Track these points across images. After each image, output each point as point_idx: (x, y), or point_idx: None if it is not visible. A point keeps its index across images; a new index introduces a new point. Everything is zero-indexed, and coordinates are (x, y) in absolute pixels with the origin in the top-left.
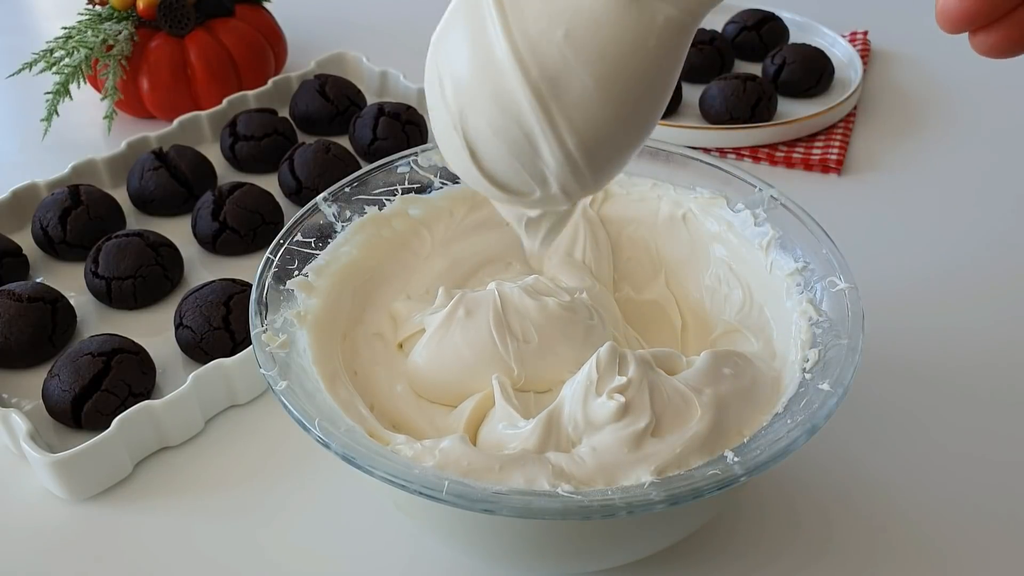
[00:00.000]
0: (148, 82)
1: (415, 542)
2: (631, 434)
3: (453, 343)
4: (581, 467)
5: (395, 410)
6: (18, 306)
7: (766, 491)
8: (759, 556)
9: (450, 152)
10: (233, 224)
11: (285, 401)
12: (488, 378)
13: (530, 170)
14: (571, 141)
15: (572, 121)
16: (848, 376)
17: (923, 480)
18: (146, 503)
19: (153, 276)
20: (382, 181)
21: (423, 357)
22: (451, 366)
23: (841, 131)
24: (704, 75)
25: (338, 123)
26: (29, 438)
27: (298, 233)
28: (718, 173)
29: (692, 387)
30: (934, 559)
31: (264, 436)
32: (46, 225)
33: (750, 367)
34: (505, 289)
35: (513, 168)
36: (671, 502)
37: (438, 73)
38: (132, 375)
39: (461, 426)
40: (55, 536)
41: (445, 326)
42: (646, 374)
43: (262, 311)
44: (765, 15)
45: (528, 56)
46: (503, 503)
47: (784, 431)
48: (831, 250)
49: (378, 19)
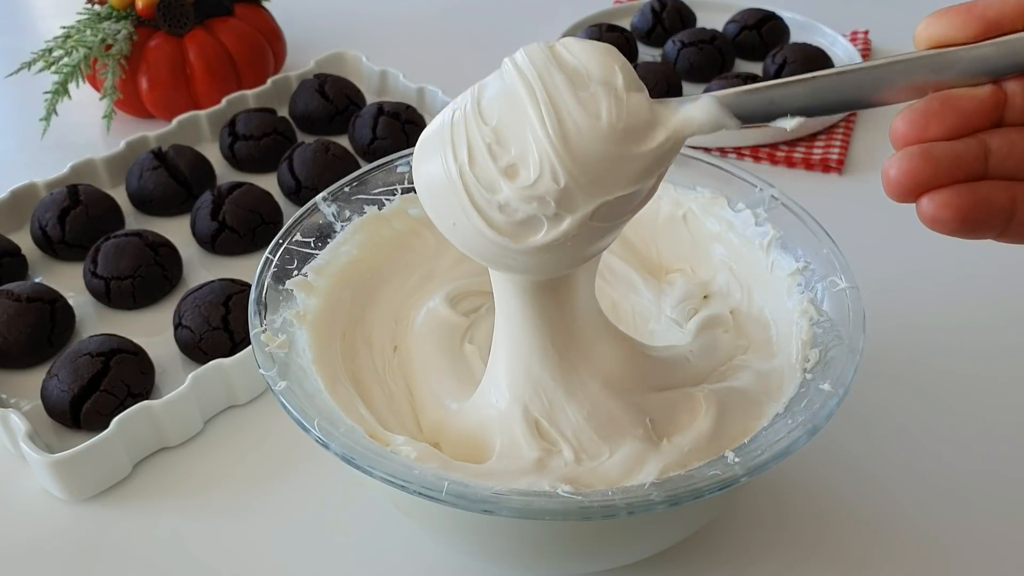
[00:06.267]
0: (147, 81)
1: (415, 542)
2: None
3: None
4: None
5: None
6: (17, 306)
7: (766, 491)
8: (759, 556)
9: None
10: (232, 224)
11: (284, 401)
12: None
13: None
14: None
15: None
16: (849, 376)
17: (923, 480)
18: (145, 503)
19: (152, 276)
20: (382, 181)
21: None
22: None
23: (842, 130)
24: (705, 74)
25: (337, 123)
26: (28, 438)
27: (297, 233)
28: (718, 172)
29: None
30: (933, 559)
31: (263, 437)
32: (45, 225)
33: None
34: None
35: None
36: (671, 503)
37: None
38: (131, 375)
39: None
40: (54, 536)
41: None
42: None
43: (261, 311)
44: (766, 14)
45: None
46: (503, 504)
47: (785, 431)
48: (832, 250)
49: (378, 19)
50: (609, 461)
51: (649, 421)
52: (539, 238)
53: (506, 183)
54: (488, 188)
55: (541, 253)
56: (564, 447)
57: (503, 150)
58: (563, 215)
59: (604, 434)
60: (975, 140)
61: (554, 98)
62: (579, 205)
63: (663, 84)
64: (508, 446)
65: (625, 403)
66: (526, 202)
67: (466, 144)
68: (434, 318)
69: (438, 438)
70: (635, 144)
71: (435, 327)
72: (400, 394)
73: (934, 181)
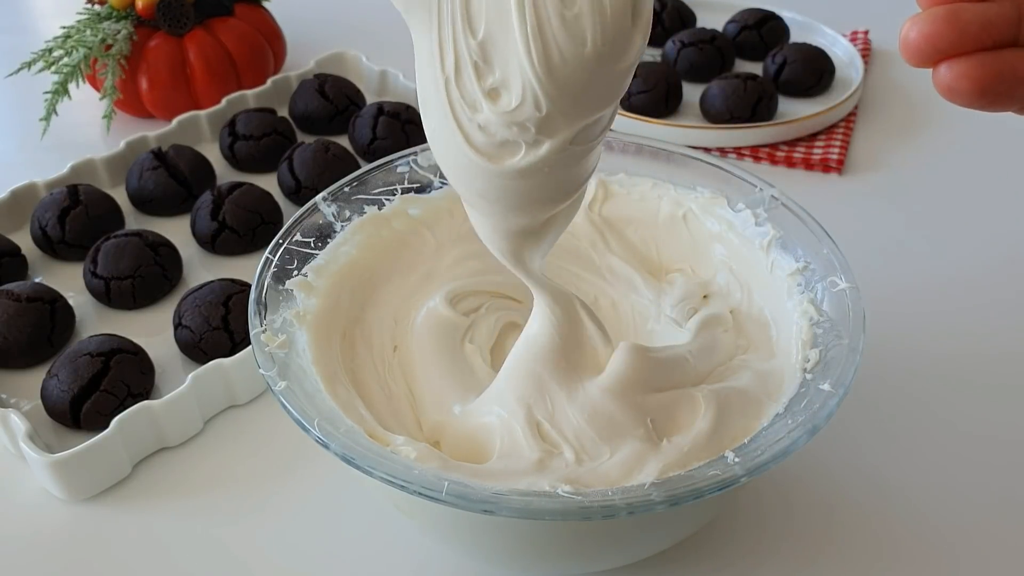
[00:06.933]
0: (147, 81)
1: (415, 542)
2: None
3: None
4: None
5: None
6: (17, 306)
7: (767, 492)
8: (760, 556)
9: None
10: (232, 224)
11: (284, 401)
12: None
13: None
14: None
15: None
16: (849, 376)
17: (922, 480)
18: (145, 503)
19: (152, 276)
20: (382, 181)
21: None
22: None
23: (842, 131)
24: (705, 74)
25: (337, 123)
26: (28, 438)
27: (297, 233)
28: (718, 173)
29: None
30: (935, 558)
31: (263, 436)
32: (45, 225)
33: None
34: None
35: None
36: (671, 503)
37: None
38: (131, 375)
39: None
40: (54, 536)
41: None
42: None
43: (261, 311)
44: (766, 14)
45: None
46: (503, 504)
47: (784, 431)
48: (832, 250)
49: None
50: (609, 461)
51: (649, 421)
52: (517, 160)
53: (488, 104)
54: (470, 106)
55: (518, 178)
56: (565, 448)
57: (488, 69)
58: (542, 140)
59: (605, 435)
60: (1009, 2)
61: (540, 17)
62: (560, 129)
63: (663, 84)
64: (509, 447)
65: (625, 404)
66: (506, 126)
67: (453, 55)
68: (434, 318)
69: (438, 437)
70: (617, 61)
71: (435, 327)
72: (400, 394)
73: (957, 48)
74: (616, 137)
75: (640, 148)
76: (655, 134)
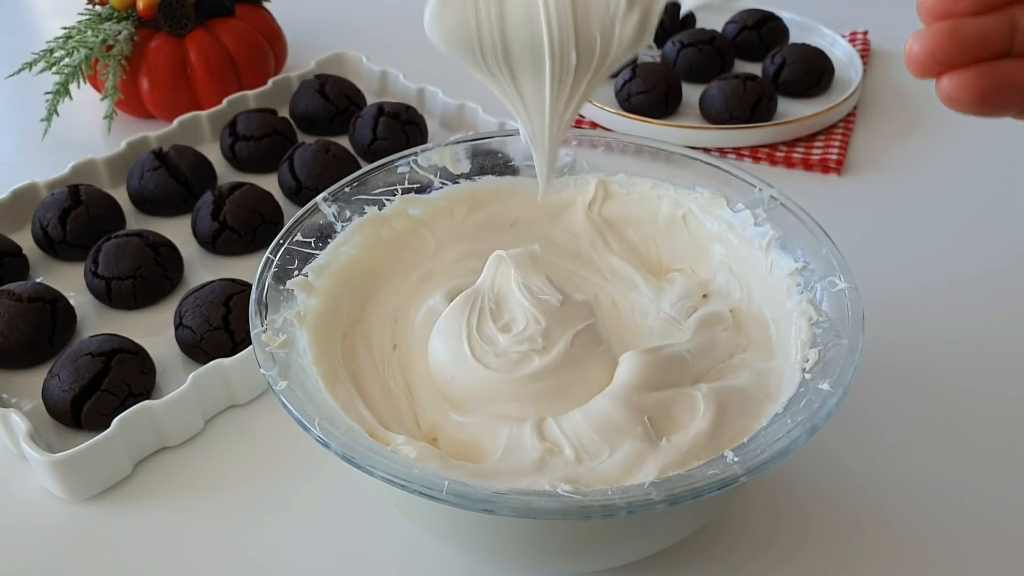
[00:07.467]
0: (148, 82)
1: (415, 542)
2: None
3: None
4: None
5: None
6: (18, 306)
7: (766, 491)
8: (760, 556)
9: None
10: (233, 224)
11: (285, 401)
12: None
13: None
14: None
15: None
16: (848, 376)
17: (922, 480)
18: (146, 503)
19: (153, 276)
20: (382, 181)
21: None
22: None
23: (841, 131)
24: (704, 75)
25: (338, 123)
26: (29, 438)
27: (298, 233)
28: (718, 173)
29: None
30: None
31: (264, 436)
32: (46, 225)
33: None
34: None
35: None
36: (671, 502)
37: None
38: (132, 375)
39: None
40: (55, 536)
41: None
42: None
43: (262, 311)
44: (765, 15)
45: None
46: (503, 503)
47: (784, 431)
48: (831, 250)
49: (378, 19)
50: (609, 460)
51: (647, 419)
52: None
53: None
54: (488, 342)
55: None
56: (565, 447)
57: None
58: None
59: (604, 433)
60: (1004, 16)
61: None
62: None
63: (663, 85)
64: (509, 446)
65: (625, 402)
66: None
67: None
68: (434, 317)
69: (437, 436)
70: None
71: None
72: (400, 393)
73: (957, 60)
74: (616, 137)
75: (640, 148)
76: (655, 134)
